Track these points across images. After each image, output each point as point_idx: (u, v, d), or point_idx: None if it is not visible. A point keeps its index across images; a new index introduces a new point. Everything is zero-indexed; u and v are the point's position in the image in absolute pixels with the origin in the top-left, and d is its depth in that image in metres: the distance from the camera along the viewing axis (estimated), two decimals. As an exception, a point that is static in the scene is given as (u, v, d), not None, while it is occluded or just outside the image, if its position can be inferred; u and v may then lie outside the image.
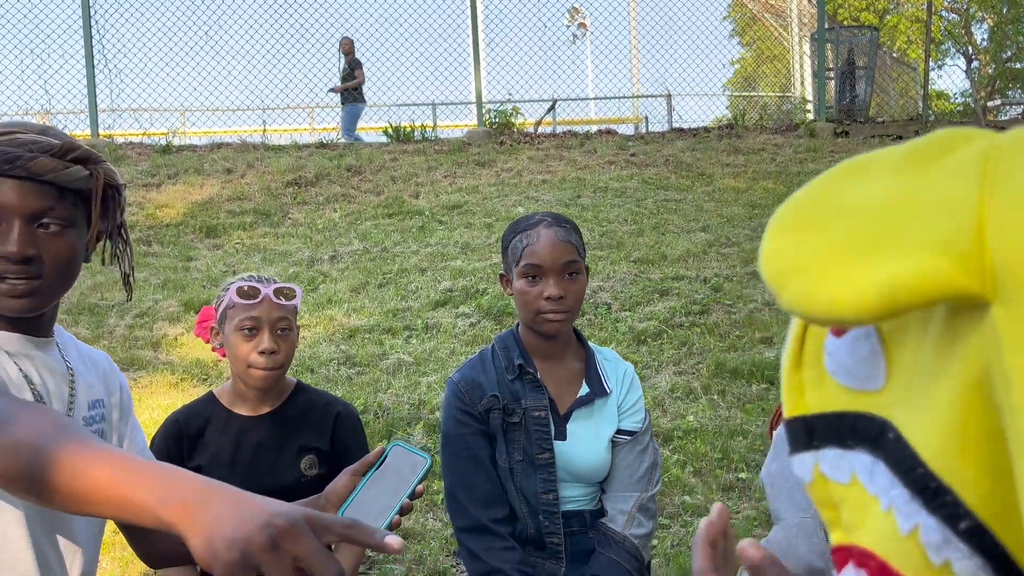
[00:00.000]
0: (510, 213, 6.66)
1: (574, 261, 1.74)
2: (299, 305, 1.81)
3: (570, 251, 1.74)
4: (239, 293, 1.73)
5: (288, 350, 1.77)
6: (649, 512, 1.81)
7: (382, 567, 2.88)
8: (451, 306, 5.06)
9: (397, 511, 1.22)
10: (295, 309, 1.79)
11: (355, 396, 3.97)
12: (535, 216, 1.80)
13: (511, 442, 1.76)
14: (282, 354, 1.75)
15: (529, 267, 1.72)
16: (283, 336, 1.75)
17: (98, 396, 1.30)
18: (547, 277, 1.73)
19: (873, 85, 10.26)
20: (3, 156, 1.09)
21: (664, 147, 8.72)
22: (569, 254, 1.73)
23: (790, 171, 7.94)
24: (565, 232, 1.75)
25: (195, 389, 4.05)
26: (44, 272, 1.13)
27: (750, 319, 4.74)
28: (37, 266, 1.12)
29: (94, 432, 1.23)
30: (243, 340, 1.73)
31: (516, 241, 1.77)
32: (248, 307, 1.73)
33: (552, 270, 1.72)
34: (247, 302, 1.73)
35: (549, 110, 10.11)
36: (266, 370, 1.73)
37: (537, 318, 1.74)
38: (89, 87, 8.66)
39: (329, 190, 7.48)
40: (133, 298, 5.15)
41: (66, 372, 1.24)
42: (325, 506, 1.28)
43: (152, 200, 7.09)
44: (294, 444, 1.82)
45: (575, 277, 1.74)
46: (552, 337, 1.79)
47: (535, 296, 1.73)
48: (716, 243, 5.98)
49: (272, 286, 1.75)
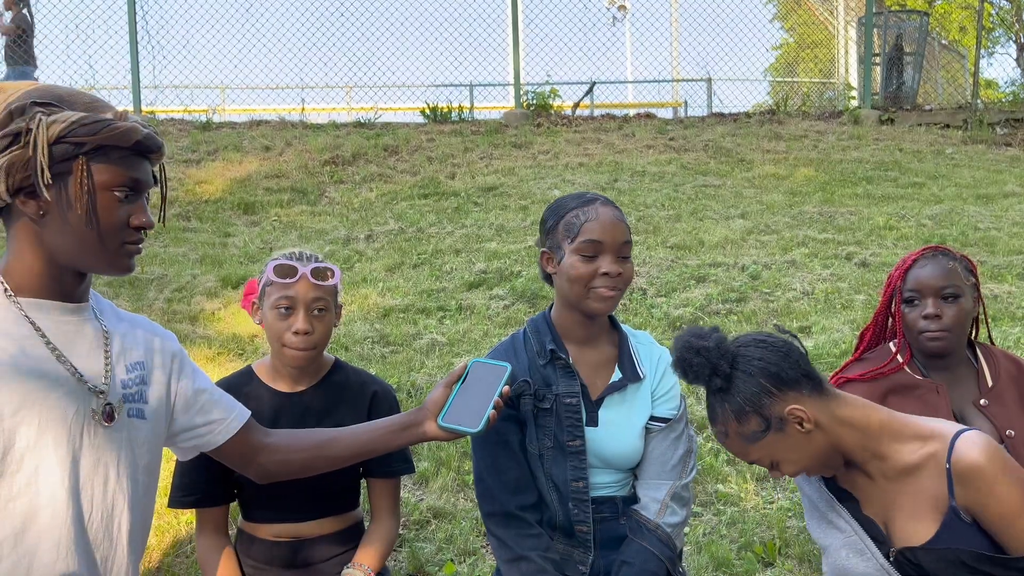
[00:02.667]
0: (546, 196, 6.62)
1: (629, 242, 1.74)
2: (339, 285, 1.79)
3: (626, 231, 1.73)
4: (276, 271, 1.73)
5: (324, 331, 1.75)
6: (683, 500, 1.77)
7: (412, 545, 2.89)
8: (485, 288, 5.05)
9: (491, 409, 1.51)
10: (333, 289, 1.77)
11: (388, 375, 3.98)
12: (586, 194, 1.77)
13: (541, 428, 1.74)
14: (317, 335, 1.73)
15: (588, 243, 1.69)
16: (319, 317, 1.74)
17: (138, 359, 1.37)
18: (605, 254, 1.70)
19: (921, 72, 10.01)
20: (156, 144, 1.30)
21: (704, 132, 8.60)
22: (626, 234, 1.73)
23: (832, 158, 7.79)
24: (621, 213, 1.75)
25: (232, 363, 4.09)
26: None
27: (788, 308, 4.67)
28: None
29: (134, 392, 1.34)
30: (279, 319, 1.73)
31: (571, 217, 1.72)
32: (284, 286, 1.72)
33: (611, 248, 1.70)
34: (283, 281, 1.72)
35: (587, 93, 10.02)
36: (299, 350, 1.73)
37: (589, 295, 1.70)
38: (132, 63, 8.76)
39: (366, 169, 7.50)
40: (171, 272, 5.21)
41: (101, 337, 1.31)
42: (427, 414, 1.54)
43: (192, 176, 7.17)
44: (330, 421, 1.82)
45: (628, 259, 1.74)
46: (593, 317, 1.76)
47: (589, 273, 1.69)
48: (755, 230, 5.89)
49: (311, 265, 1.74)
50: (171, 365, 1.43)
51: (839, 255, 5.40)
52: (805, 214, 6.24)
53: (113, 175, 1.24)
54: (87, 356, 1.28)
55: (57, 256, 1.25)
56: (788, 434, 1.47)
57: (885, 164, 7.61)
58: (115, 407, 1.29)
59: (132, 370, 1.35)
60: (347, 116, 9.68)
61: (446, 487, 3.21)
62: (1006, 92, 14.68)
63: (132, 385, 1.33)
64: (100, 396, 1.27)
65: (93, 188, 1.23)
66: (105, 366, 1.30)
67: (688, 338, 1.51)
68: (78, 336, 1.28)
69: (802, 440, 1.47)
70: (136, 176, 1.27)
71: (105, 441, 1.28)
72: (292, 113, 9.33)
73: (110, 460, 1.28)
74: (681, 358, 1.51)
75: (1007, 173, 7.45)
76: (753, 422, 1.47)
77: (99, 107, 1.28)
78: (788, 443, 1.47)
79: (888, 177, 7.24)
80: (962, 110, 9.34)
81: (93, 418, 1.26)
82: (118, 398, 1.31)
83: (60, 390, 1.23)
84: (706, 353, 1.48)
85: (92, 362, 1.28)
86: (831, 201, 6.60)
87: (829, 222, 6.06)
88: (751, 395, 1.47)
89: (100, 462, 1.27)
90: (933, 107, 9.81)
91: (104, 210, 1.24)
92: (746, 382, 1.48)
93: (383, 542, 1.83)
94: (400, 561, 2.84)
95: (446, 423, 1.52)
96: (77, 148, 1.21)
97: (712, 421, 1.55)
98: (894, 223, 5.98)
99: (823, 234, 5.79)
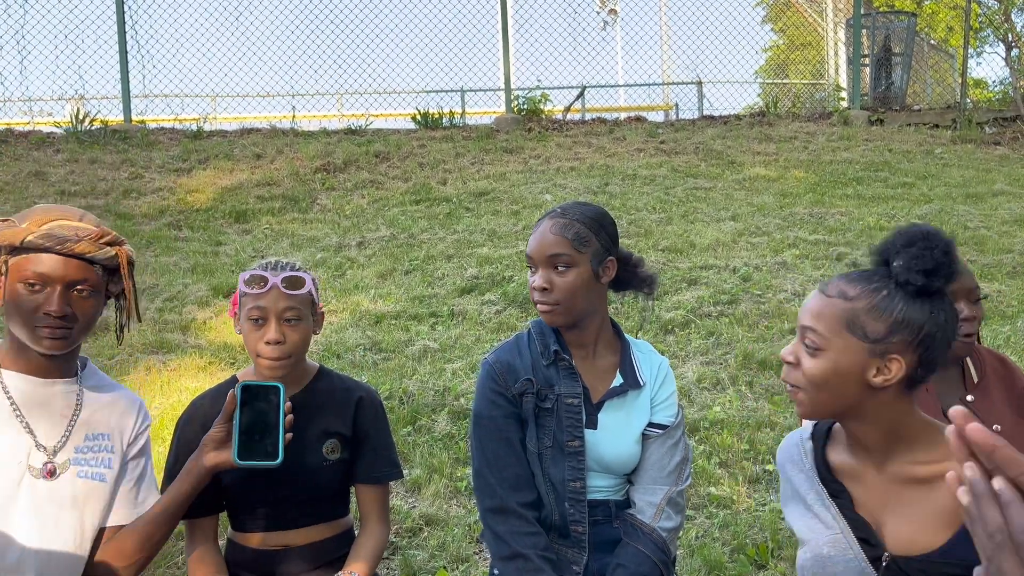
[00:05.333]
0: (537, 200, 6.62)
1: (560, 254, 1.71)
2: (312, 293, 1.77)
3: (559, 244, 1.71)
4: (247, 282, 1.73)
5: (297, 340, 1.73)
6: (678, 506, 1.79)
7: (405, 552, 2.88)
8: (477, 293, 5.05)
9: (285, 434, 1.53)
10: (307, 298, 1.75)
11: (380, 382, 3.97)
12: (554, 207, 1.80)
13: (542, 427, 1.75)
14: (289, 344, 1.72)
15: (527, 258, 1.76)
16: (292, 326, 1.72)
17: (101, 431, 1.60)
18: (537, 269, 1.74)
19: (910, 72, 10.05)
20: (56, 238, 1.50)
21: (694, 134, 8.62)
22: (556, 247, 1.70)
23: (822, 159, 7.82)
24: (562, 225, 1.72)
25: (223, 372, 4.08)
26: (75, 325, 1.52)
27: (779, 309, 4.68)
28: (71, 321, 1.51)
29: (91, 458, 1.58)
30: (252, 329, 1.73)
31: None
32: (256, 296, 1.72)
33: (539, 261, 1.73)
34: (254, 291, 1.72)
35: (578, 97, 10.03)
36: (271, 359, 1.71)
37: (537, 307, 1.75)
38: (122, 73, 8.75)
39: (357, 176, 7.49)
40: (162, 282, 5.20)
41: (72, 406, 1.57)
42: (204, 449, 1.58)
43: (182, 185, 7.15)
44: (316, 428, 1.82)
45: (565, 271, 1.71)
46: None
47: (531, 286, 1.75)
48: (746, 232, 5.91)
49: (282, 275, 1.73)
50: (140, 447, 1.67)
51: (830, 256, 5.42)
52: (796, 215, 6.25)
53: (21, 271, 1.50)
54: (48, 420, 1.53)
55: (14, 336, 1.54)
56: (863, 364, 1.29)
57: (875, 164, 7.64)
58: (57, 466, 1.51)
59: (93, 439, 1.57)
60: (338, 123, 9.68)
61: (438, 494, 3.20)
62: (995, 91, 14.75)
63: (88, 451, 1.56)
64: (43, 452, 1.51)
65: (5, 282, 1.52)
66: (65, 431, 1.54)
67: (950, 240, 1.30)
68: (44, 403, 1.54)
69: (858, 379, 1.30)
70: (40, 271, 1.50)
71: (46, 494, 1.49)
72: (283, 121, 9.32)
73: (48, 511, 1.49)
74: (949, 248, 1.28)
75: (996, 172, 7.48)
76: (879, 328, 1.29)
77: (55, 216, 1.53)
78: (849, 368, 1.29)
79: (878, 177, 7.26)
80: (951, 110, 9.38)
81: (31, 472, 1.48)
82: (65, 459, 1.53)
83: (12, 442, 1.49)
84: (952, 263, 1.28)
85: (52, 426, 1.53)
86: (821, 202, 6.62)
87: (820, 223, 6.07)
88: (915, 320, 1.28)
89: (37, 510, 1.48)
90: (922, 107, 9.85)
91: (17, 298, 1.51)
92: (926, 312, 1.29)
93: (373, 549, 1.83)
94: (392, 569, 2.83)
95: (243, 460, 1.51)
96: (3, 250, 1.52)
97: (850, 281, 1.33)
98: (884, 223, 5.99)
99: (814, 235, 5.80)
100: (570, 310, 1.72)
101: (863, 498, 1.39)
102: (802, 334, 1.35)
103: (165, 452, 3.46)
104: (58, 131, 8.35)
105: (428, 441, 3.54)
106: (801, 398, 1.35)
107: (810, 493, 1.44)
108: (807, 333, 1.34)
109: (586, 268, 1.72)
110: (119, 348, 4.32)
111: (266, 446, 1.52)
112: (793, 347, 1.38)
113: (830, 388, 1.32)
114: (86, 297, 1.53)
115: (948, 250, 1.28)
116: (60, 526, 1.50)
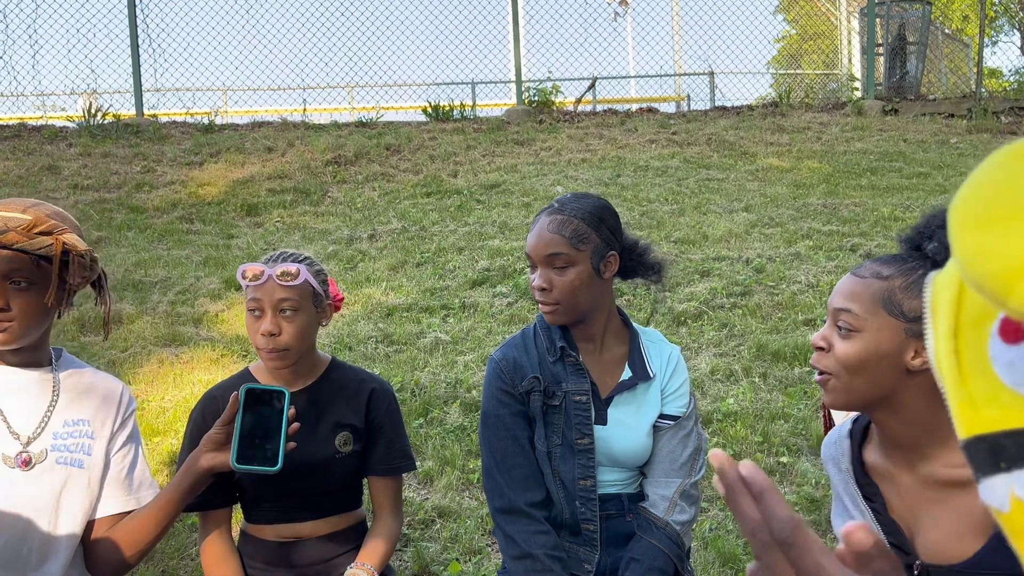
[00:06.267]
0: (548, 192, 6.60)
1: (558, 254, 1.66)
2: (312, 284, 1.76)
3: (556, 243, 1.66)
4: (244, 274, 1.74)
5: (295, 331, 1.72)
6: (692, 499, 1.76)
7: (417, 545, 2.88)
8: (488, 285, 5.04)
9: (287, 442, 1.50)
10: (304, 289, 1.74)
11: (392, 374, 3.97)
12: (553, 202, 1.75)
13: (550, 425, 1.73)
14: (285, 336, 1.71)
15: (526, 255, 1.72)
16: (288, 317, 1.72)
17: (82, 416, 1.59)
18: (536, 268, 1.70)
19: (924, 61, 9.95)
20: None
21: (706, 125, 8.57)
22: (553, 246, 1.66)
23: (836, 150, 7.75)
24: (559, 222, 1.68)
25: (235, 365, 4.09)
26: (14, 317, 1.48)
27: (793, 300, 4.65)
28: (8, 314, 1.48)
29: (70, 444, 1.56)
30: (252, 321, 1.74)
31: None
32: (254, 289, 1.72)
33: (538, 261, 1.69)
34: (251, 284, 1.73)
35: (589, 88, 9.98)
36: (268, 351, 1.71)
37: (538, 306, 1.72)
38: (134, 68, 8.77)
39: (368, 169, 7.49)
40: (175, 275, 5.21)
41: (48, 394, 1.56)
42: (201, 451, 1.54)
43: (194, 178, 7.17)
44: (329, 420, 1.82)
45: (564, 269, 1.67)
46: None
47: (531, 285, 1.72)
48: (759, 223, 5.87)
49: (278, 267, 1.73)
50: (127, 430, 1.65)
51: (844, 247, 5.38)
52: (809, 206, 6.20)
53: None
54: (24, 409, 1.53)
55: None
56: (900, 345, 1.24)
57: (889, 155, 7.57)
58: (33, 455, 1.51)
59: (73, 424, 1.56)
60: (349, 116, 9.67)
61: (451, 486, 3.20)
62: (1010, 80, 14.59)
63: (68, 437, 1.55)
64: (17, 441, 1.50)
65: None
66: (41, 420, 1.54)
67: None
68: (20, 392, 1.53)
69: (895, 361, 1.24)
70: None
71: (24, 483, 1.49)
72: (294, 114, 9.32)
73: (25, 500, 1.48)
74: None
75: (1013, 162, 7.40)
76: (917, 306, 1.24)
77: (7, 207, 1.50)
78: (887, 349, 1.24)
79: (893, 168, 7.20)
80: (966, 99, 9.28)
81: (5, 462, 1.48)
82: (43, 448, 1.52)
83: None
84: None
85: (28, 414, 1.53)
86: (835, 193, 6.56)
87: (833, 214, 6.03)
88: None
89: (16, 501, 1.48)
90: (937, 97, 9.76)
91: None
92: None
93: (386, 541, 1.82)
94: (405, 561, 2.83)
95: (241, 465, 1.49)
96: None
97: (884, 263, 1.30)
98: (899, 214, 5.94)
99: (827, 226, 5.76)
100: (572, 309, 1.69)
101: (896, 501, 1.32)
102: (835, 316, 1.29)
103: (177, 443, 3.47)
104: (71, 125, 8.38)
105: (440, 433, 3.54)
106: (833, 385, 1.29)
107: (845, 495, 1.39)
108: (841, 315, 1.28)
109: (586, 266, 1.68)
110: (131, 342, 4.34)
111: (266, 451, 1.49)
112: (824, 332, 1.32)
113: (866, 372, 1.25)
114: (23, 289, 1.49)
115: None
116: (41, 515, 1.50)
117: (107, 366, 4.07)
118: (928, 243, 1.27)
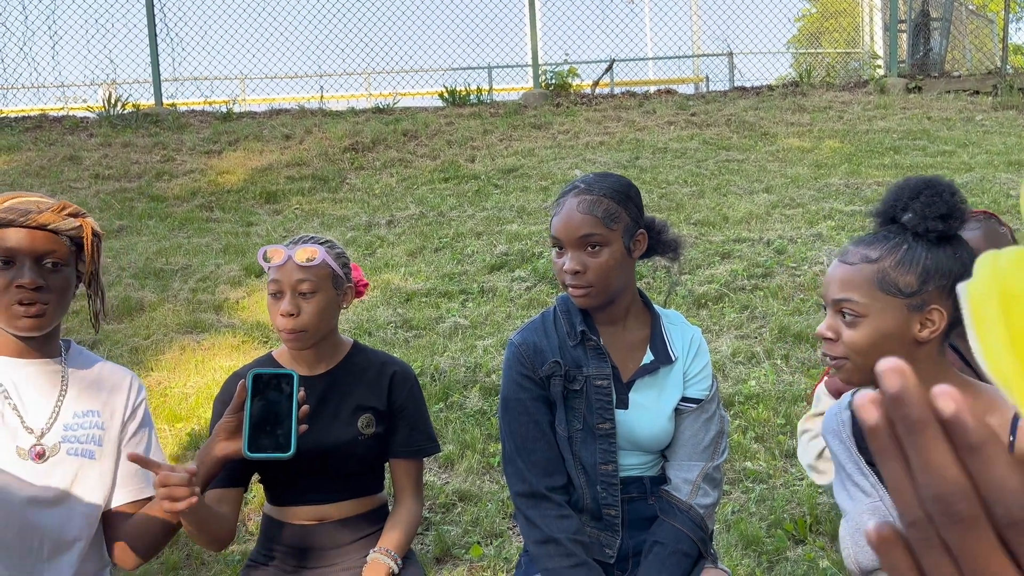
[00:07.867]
0: (566, 176, 6.57)
1: (592, 235, 1.62)
2: (331, 266, 1.76)
3: (589, 223, 1.62)
4: (263, 256, 1.75)
5: (313, 312, 1.72)
6: (715, 482, 1.74)
7: (439, 528, 2.89)
8: (507, 270, 5.02)
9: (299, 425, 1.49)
10: (322, 270, 1.74)
11: (412, 359, 3.98)
12: (575, 182, 1.71)
13: (571, 410, 1.71)
14: (304, 317, 1.71)
15: (553, 239, 1.67)
16: (306, 299, 1.72)
17: (91, 407, 1.59)
18: (566, 250, 1.65)
19: (948, 38, 9.78)
20: (18, 211, 1.47)
21: (726, 106, 8.48)
22: (587, 227, 1.62)
23: (858, 129, 7.65)
24: (590, 202, 1.64)
25: (256, 351, 4.11)
26: (50, 299, 1.48)
27: (814, 282, 4.60)
28: (45, 294, 1.47)
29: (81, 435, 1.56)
30: (272, 303, 1.75)
31: (552, 209, 1.71)
32: (275, 271, 1.73)
33: (569, 243, 1.64)
34: (271, 265, 1.74)
35: (607, 71, 9.90)
36: (287, 332, 1.72)
37: (566, 291, 1.69)
38: (152, 57, 8.80)
39: (386, 155, 7.48)
40: (195, 262, 5.24)
41: (58, 386, 1.56)
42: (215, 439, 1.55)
43: (213, 167, 7.20)
44: (351, 403, 1.82)
45: (597, 250, 1.63)
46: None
47: (560, 269, 1.67)
48: (780, 204, 5.80)
49: (297, 248, 1.74)
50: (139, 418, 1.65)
51: (866, 228, 5.30)
52: (831, 186, 6.13)
53: None
54: (35, 401, 1.53)
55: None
56: (905, 321, 1.28)
57: (913, 133, 7.45)
58: (47, 448, 1.51)
59: (83, 416, 1.56)
60: (366, 103, 9.66)
61: (471, 469, 3.20)
62: (1037, 56, 14.30)
63: (78, 428, 1.55)
64: (31, 434, 1.50)
65: None
66: (52, 412, 1.54)
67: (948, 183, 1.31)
68: (32, 384, 1.53)
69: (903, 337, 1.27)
70: (7, 246, 1.47)
71: (39, 474, 1.50)
72: (311, 101, 9.32)
73: (39, 492, 1.49)
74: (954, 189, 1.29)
75: (1040, 139, 7.26)
76: (911, 280, 1.27)
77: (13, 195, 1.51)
78: (895, 328, 1.27)
79: (916, 146, 7.09)
80: (991, 76, 9.11)
81: (19, 455, 1.48)
82: (55, 440, 1.52)
83: (4, 426, 1.49)
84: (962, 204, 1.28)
85: (40, 407, 1.53)
86: (857, 173, 6.48)
87: (856, 194, 5.95)
88: (943, 266, 1.27)
89: (30, 492, 1.48)
90: (961, 74, 9.58)
91: None
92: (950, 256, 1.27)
93: (407, 525, 1.83)
94: (427, 544, 2.84)
95: (254, 452, 1.47)
96: None
97: (868, 244, 1.33)
98: (923, 193, 5.85)
99: (849, 206, 5.68)
100: (605, 291, 1.66)
101: None
102: (836, 307, 1.34)
103: (200, 429, 3.50)
104: (91, 116, 8.44)
105: (460, 417, 3.54)
106: (849, 367, 1.33)
107: (848, 462, 1.42)
108: (843, 304, 1.32)
109: (618, 245, 1.65)
110: (152, 330, 4.37)
111: (278, 437, 1.48)
112: (829, 322, 1.35)
113: (878, 352, 1.28)
114: (57, 270, 1.50)
115: (955, 191, 1.28)
116: (54, 507, 1.50)
117: (129, 353, 4.11)
118: (903, 214, 1.31)
